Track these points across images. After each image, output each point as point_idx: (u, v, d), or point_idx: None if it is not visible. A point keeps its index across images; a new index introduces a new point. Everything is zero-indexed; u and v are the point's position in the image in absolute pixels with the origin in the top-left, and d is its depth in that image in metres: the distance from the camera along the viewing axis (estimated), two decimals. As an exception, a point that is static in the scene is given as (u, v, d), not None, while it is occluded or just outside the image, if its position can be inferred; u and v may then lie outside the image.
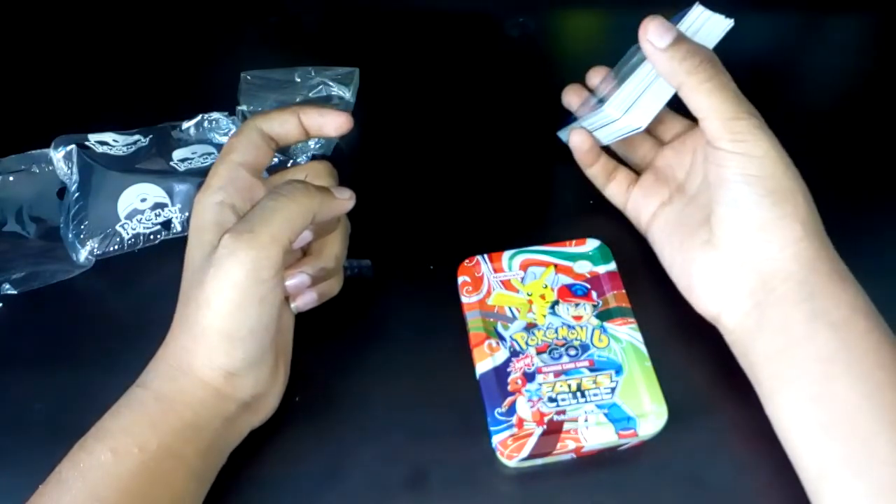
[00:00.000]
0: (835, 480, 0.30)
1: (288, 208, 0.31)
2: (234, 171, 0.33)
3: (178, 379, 0.31)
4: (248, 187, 0.34)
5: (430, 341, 0.38)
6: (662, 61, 0.34)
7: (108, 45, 0.53)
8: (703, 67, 0.33)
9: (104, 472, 0.29)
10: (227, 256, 0.30)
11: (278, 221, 0.31)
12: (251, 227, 0.30)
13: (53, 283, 0.40)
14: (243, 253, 0.29)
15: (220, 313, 0.30)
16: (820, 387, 0.31)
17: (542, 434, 0.33)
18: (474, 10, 0.56)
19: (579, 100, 0.44)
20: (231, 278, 0.29)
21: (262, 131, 0.35)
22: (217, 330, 0.30)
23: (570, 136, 0.42)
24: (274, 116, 0.35)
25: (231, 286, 0.29)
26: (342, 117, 0.36)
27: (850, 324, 0.31)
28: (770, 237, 0.33)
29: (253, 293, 0.30)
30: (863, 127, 0.47)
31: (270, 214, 0.31)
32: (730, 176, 0.33)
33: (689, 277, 0.36)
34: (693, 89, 0.33)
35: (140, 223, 0.41)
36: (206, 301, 0.30)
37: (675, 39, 0.33)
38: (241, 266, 0.29)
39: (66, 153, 0.41)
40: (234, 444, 0.33)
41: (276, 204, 0.31)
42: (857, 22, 0.55)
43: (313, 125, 0.36)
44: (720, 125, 0.33)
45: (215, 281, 0.30)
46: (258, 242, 0.30)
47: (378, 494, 0.34)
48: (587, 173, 0.43)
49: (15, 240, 0.42)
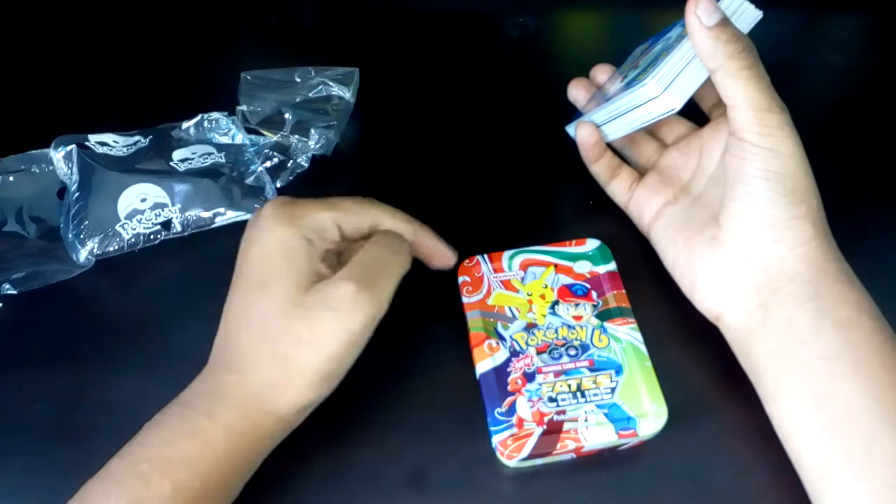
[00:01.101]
0: (836, 481, 0.30)
1: (402, 266, 0.33)
2: (331, 227, 0.33)
3: (254, 416, 0.30)
4: (332, 244, 0.33)
5: (430, 341, 0.38)
6: (705, 39, 0.33)
7: (108, 46, 0.54)
8: (745, 55, 0.32)
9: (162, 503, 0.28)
10: (352, 307, 0.30)
11: (395, 280, 0.32)
12: (377, 282, 0.31)
13: (53, 283, 0.40)
14: (368, 308, 0.30)
15: (328, 356, 0.30)
16: (824, 386, 0.31)
17: (542, 434, 0.33)
18: (474, 10, 0.56)
19: (586, 94, 0.44)
20: (349, 328, 0.30)
21: (376, 223, 0.35)
22: (319, 371, 0.30)
23: (576, 130, 0.41)
24: (399, 218, 0.35)
25: (347, 335, 0.30)
26: (451, 260, 0.37)
27: (856, 324, 0.31)
28: (780, 236, 0.33)
29: (360, 343, 0.31)
30: (862, 127, 0.47)
31: (390, 272, 0.32)
32: (750, 170, 0.33)
33: (692, 275, 0.36)
34: (730, 74, 0.32)
35: (140, 223, 0.41)
36: (317, 343, 0.30)
37: (722, 20, 0.33)
38: (364, 319, 0.30)
39: (66, 153, 0.41)
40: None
41: (394, 261, 0.32)
42: (857, 22, 0.55)
43: (423, 248, 0.36)
44: (751, 115, 0.32)
45: (332, 326, 0.30)
46: (381, 299, 0.31)
47: (378, 494, 0.34)
48: (591, 169, 0.42)
49: (15, 240, 0.42)
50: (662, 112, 0.36)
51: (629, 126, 0.39)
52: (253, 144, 0.46)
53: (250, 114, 0.47)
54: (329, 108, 0.48)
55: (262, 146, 0.46)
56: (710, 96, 0.40)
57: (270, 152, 0.46)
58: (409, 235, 0.35)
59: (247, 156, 0.45)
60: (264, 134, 0.47)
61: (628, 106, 0.38)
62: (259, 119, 0.47)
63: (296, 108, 0.47)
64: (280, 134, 0.46)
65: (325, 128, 0.46)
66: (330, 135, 0.46)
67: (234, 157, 0.45)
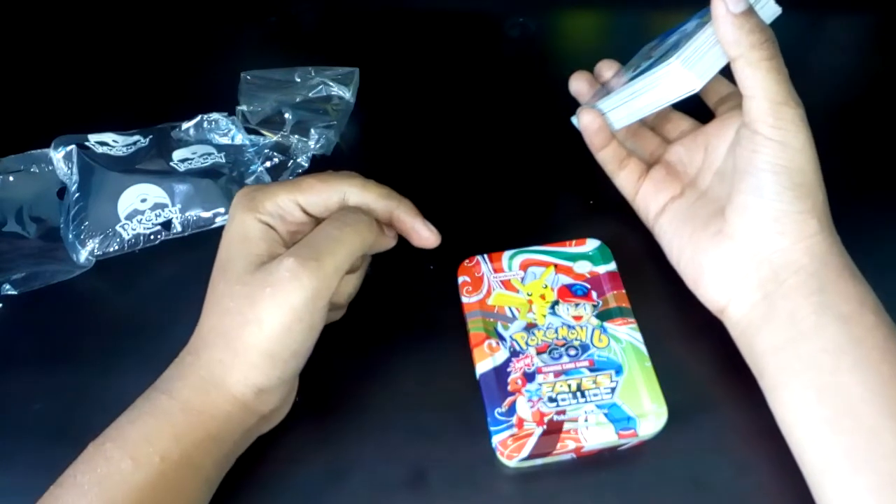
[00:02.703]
0: (837, 474, 0.30)
1: (351, 240, 0.32)
2: (291, 208, 0.33)
3: (208, 392, 0.31)
4: (297, 226, 0.33)
5: (430, 341, 0.38)
6: (729, 27, 0.32)
7: (107, 45, 0.54)
8: (767, 45, 0.32)
9: (122, 479, 0.28)
10: (290, 281, 0.29)
11: (342, 253, 0.31)
12: (317, 255, 0.30)
13: (54, 283, 0.40)
14: (307, 280, 0.30)
15: (269, 334, 0.30)
16: (826, 379, 0.31)
17: (542, 434, 0.33)
18: (474, 10, 0.56)
19: (588, 87, 0.43)
20: (289, 303, 0.30)
21: (345, 199, 0.34)
22: (262, 350, 0.30)
23: (579, 116, 0.40)
24: (372, 190, 0.34)
25: (288, 310, 0.30)
26: (434, 237, 0.36)
27: (859, 318, 0.31)
28: (785, 229, 0.33)
29: (306, 319, 0.30)
30: (864, 126, 0.47)
31: (335, 245, 0.31)
32: (759, 163, 0.33)
33: (697, 268, 0.36)
34: (751, 64, 0.32)
35: (140, 223, 0.41)
36: (258, 320, 0.30)
37: (748, 9, 0.33)
38: (303, 293, 0.30)
39: (66, 153, 0.41)
40: (243, 450, 0.34)
41: (341, 235, 0.31)
42: (857, 22, 0.55)
43: (405, 224, 0.35)
44: (768, 107, 0.32)
45: (271, 301, 0.30)
46: (323, 273, 0.30)
47: (378, 494, 0.34)
48: (597, 157, 0.42)
49: (15, 240, 0.42)
50: (681, 94, 0.36)
51: (639, 112, 0.38)
52: (253, 145, 0.46)
53: (250, 114, 0.47)
54: (329, 108, 0.48)
55: (262, 146, 0.46)
56: (716, 92, 0.40)
57: (270, 152, 0.46)
58: (381, 209, 0.34)
59: (247, 156, 0.45)
60: (264, 134, 0.47)
61: (644, 88, 0.37)
62: (259, 119, 0.47)
63: (296, 108, 0.47)
64: (280, 134, 0.46)
65: (324, 128, 0.46)
66: (330, 135, 0.46)
67: (234, 158, 0.45)
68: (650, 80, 0.36)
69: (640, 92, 0.37)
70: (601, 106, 0.40)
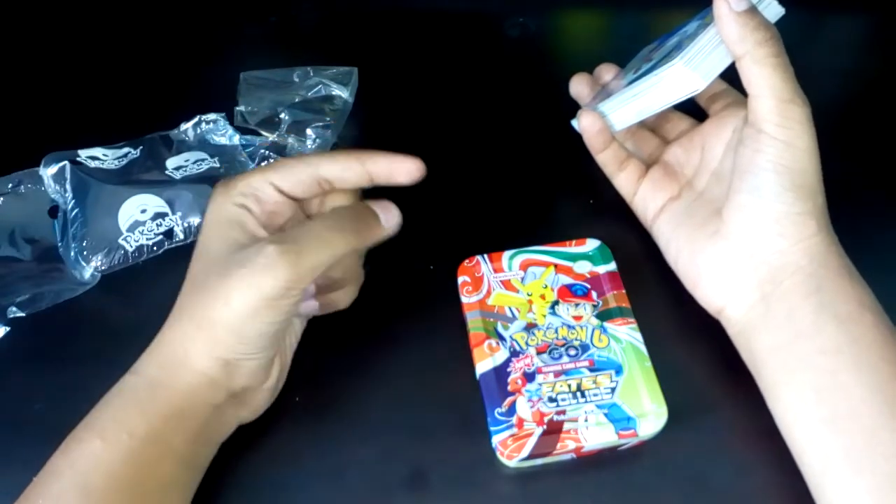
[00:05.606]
0: (836, 475, 0.30)
1: (336, 242, 0.31)
2: (264, 188, 0.33)
3: (171, 365, 0.31)
4: (273, 206, 0.33)
5: (430, 341, 0.38)
6: (733, 25, 0.32)
7: (106, 45, 0.53)
8: (773, 43, 0.32)
9: (94, 459, 0.29)
10: (265, 267, 0.29)
11: (325, 254, 0.31)
12: (299, 248, 0.30)
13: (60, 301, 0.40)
14: (282, 271, 0.29)
15: (235, 312, 0.30)
16: (825, 379, 0.31)
17: (542, 434, 0.33)
18: (474, 10, 0.56)
19: (589, 89, 0.43)
20: (261, 288, 0.29)
21: (318, 173, 0.33)
22: (227, 326, 0.30)
23: (579, 118, 0.40)
24: (338, 160, 0.34)
25: (257, 294, 0.29)
26: (414, 164, 0.34)
27: (857, 318, 0.31)
28: (784, 230, 0.33)
29: (274, 306, 0.30)
30: (862, 127, 0.47)
31: (320, 244, 0.31)
32: (762, 162, 0.32)
33: (695, 269, 0.36)
34: (757, 62, 0.32)
35: (143, 234, 0.40)
36: (227, 296, 0.30)
37: (751, 7, 0.33)
38: (276, 282, 0.29)
39: (57, 170, 0.40)
40: (224, 436, 0.33)
41: (329, 235, 0.31)
42: (857, 22, 0.55)
43: (381, 172, 0.34)
44: (773, 105, 0.32)
45: (243, 282, 0.29)
46: (300, 268, 0.30)
47: (378, 494, 0.34)
48: (597, 159, 0.42)
49: (11, 263, 0.41)
50: (684, 94, 0.36)
51: (641, 113, 0.38)
52: (249, 145, 0.46)
53: (249, 114, 0.47)
54: (327, 108, 0.48)
55: (257, 147, 0.46)
56: (708, 89, 0.40)
57: (267, 153, 0.46)
58: (355, 175, 0.34)
59: (240, 158, 0.45)
60: (262, 134, 0.47)
61: (647, 89, 0.37)
62: (258, 119, 0.47)
63: (294, 108, 0.47)
64: (276, 134, 0.46)
65: (322, 128, 0.46)
66: (327, 135, 0.46)
67: (229, 161, 0.44)
68: (653, 81, 0.36)
69: (642, 93, 0.37)
70: (602, 108, 0.40)
